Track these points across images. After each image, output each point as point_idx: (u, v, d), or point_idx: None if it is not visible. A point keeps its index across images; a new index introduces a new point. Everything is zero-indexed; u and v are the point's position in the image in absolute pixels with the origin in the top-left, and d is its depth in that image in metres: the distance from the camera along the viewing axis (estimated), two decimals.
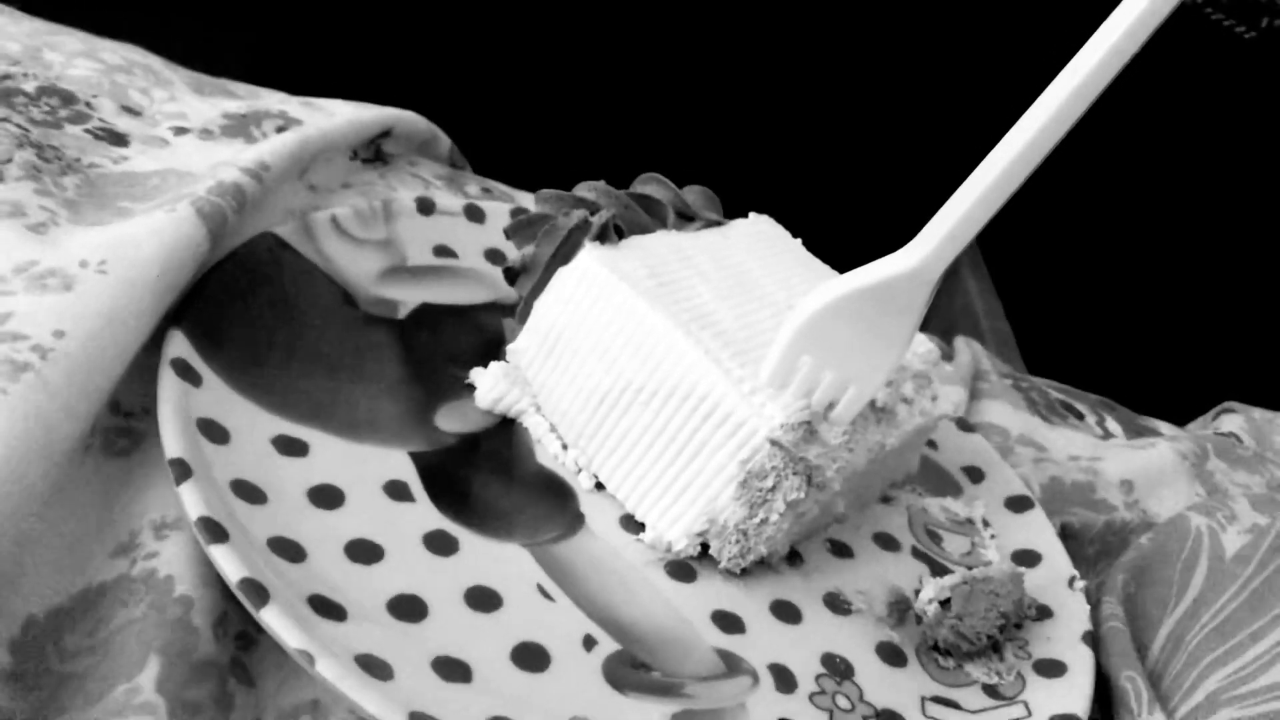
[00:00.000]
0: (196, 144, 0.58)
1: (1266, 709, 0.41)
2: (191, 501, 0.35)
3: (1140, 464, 0.64)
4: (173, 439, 0.37)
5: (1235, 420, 0.77)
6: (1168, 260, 1.52)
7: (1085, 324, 1.52)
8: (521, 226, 0.49)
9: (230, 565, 0.34)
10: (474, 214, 0.58)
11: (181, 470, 0.36)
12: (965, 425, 0.60)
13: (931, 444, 0.58)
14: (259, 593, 0.33)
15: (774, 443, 0.42)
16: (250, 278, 0.47)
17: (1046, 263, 1.57)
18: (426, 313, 0.52)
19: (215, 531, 0.35)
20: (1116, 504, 0.60)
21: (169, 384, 0.39)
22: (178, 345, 0.41)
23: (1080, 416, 0.73)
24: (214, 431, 0.39)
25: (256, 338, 0.45)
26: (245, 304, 0.45)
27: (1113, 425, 0.73)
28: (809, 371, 0.42)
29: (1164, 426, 0.75)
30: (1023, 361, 1.44)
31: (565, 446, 0.47)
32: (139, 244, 0.42)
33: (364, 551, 0.38)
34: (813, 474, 0.43)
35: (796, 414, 0.42)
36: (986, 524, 0.54)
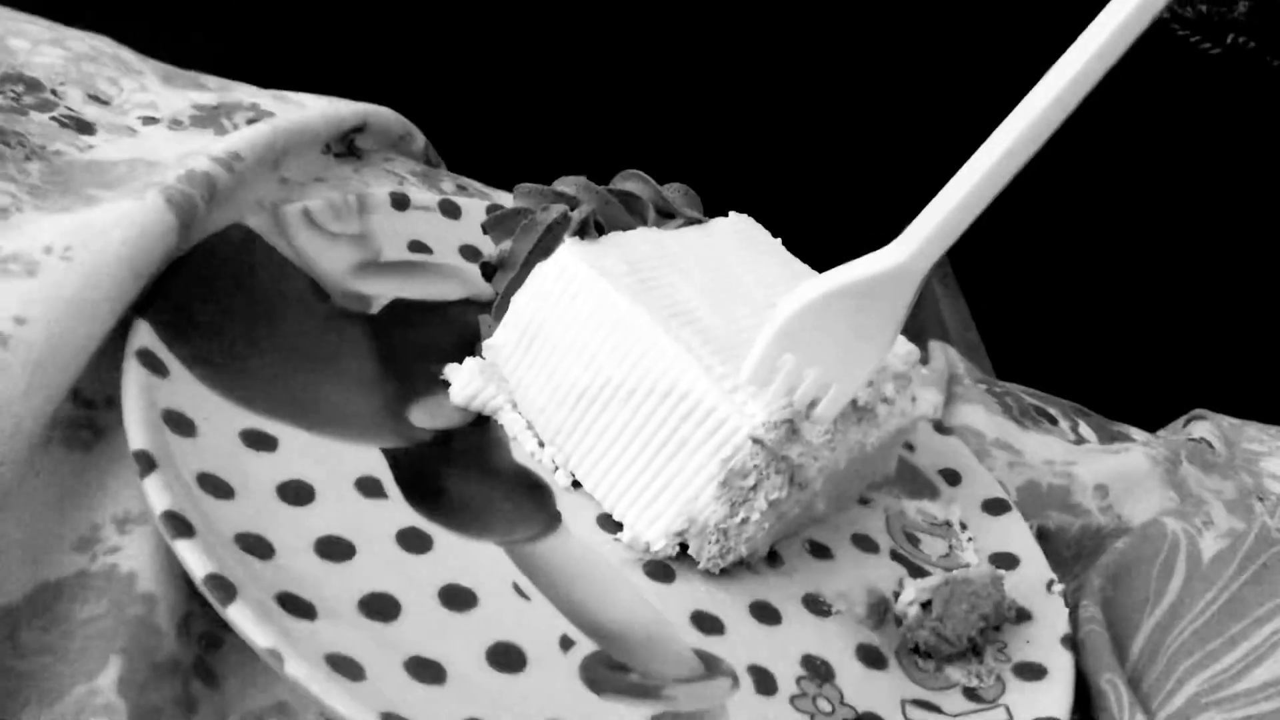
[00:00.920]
0: (166, 134, 0.57)
1: (1245, 713, 0.41)
2: (156, 495, 0.34)
3: (1114, 468, 0.64)
4: (137, 430, 0.36)
5: (1205, 427, 0.77)
6: (1134, 271, 1.54)
7: (1053, 333, 1.53)
8: (500, 221, 0.49)
9: (196, 561, 0.33)
10: (449, 210, 0.57)
11: (146, 463, 0.35)
12: (942, 428, 0.60)
13: (909, 446, 0.57)
14: (226, 589, 0.32)
15: (756, 441, 0.41)
16: (220, 269, 0.45)
17: (1015, 273, 1.58)
18: (400, 308, 0.51)
19: (180, 526, 0.33)
20: (1091, 508, 0.60)
21: (134, 374, 0.38)
22: (143, 335, 0.40)
23: (1054, 421, 0.73)
24: (180, 424, 0.38)
25: (225, 329, 0.43)
26: (214, 295, 0.44)
27: (1085, 430, 0.73)
28: (791, 370, 0.42)
29: (1136, 432, 0.75)
30: (993, 370, 1.45)
31: (542, 444, 0.46)
32: (106, 231, 0.41)
33: (335, 548, 0.37)
34: (795, 473, 0.42)
35: (779, 412, 0.41)
36: (964, 526, 0.53)
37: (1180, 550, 0.49)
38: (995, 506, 0.55)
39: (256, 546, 0.36)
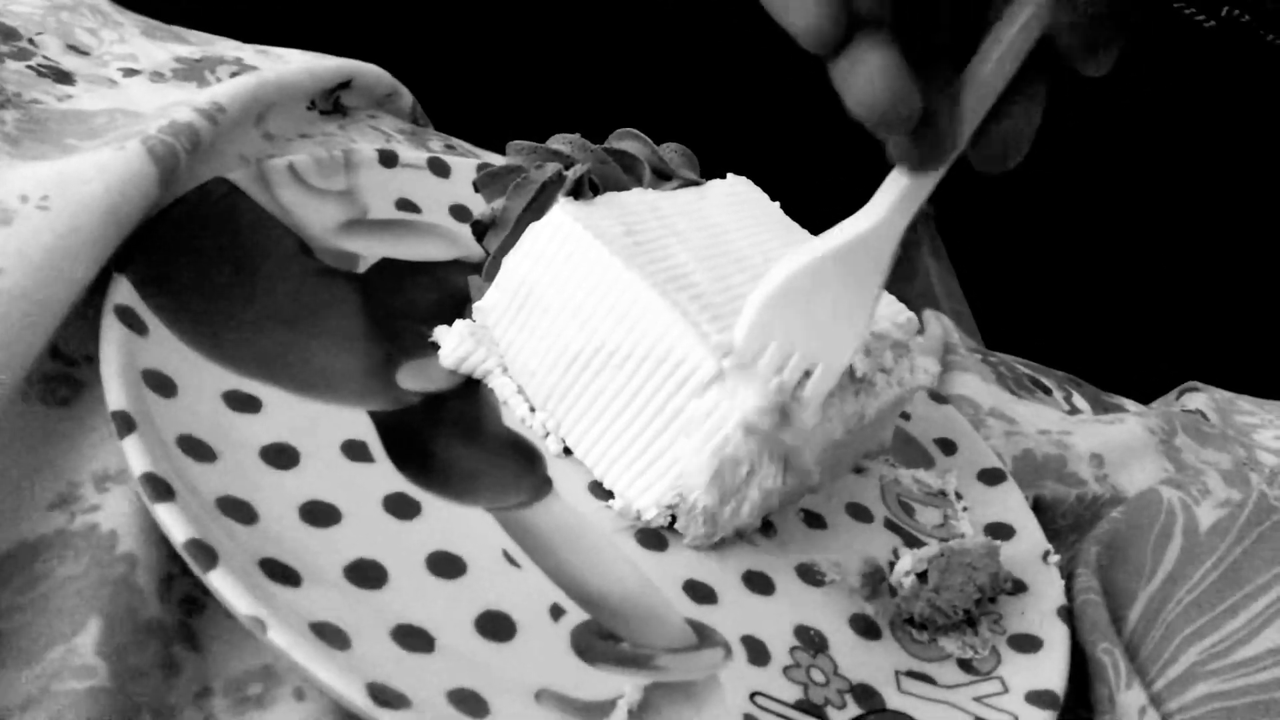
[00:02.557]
0: (147, 86, 0.56)
1: (1245, 682, 0.41)
2: (135, 457, 0.33)
3: (1110, 438, 0.63)
4: (116, 390, 0.35)
5: (1200, 398, 0.77)
6: (1122, 245, 1.53)
7: (1043, 306, 1.52)
8: (492, 178, 0.47)
9: (176, 525, 0.32)
10: (439, 168, 0.56)
11: (125, 423, 0.34)
12: (938, 397, 0.59)
13: (904, 415, 0.57)
14: (207, 555, 0.31)
15: (748, 428, 0.40)
16: (201, 224, 0.44)
17: (1004, 245, 1.57)
18: (388, 267, 0.49)
19: (160, 489, 0.32)
20: (1087, 478, 0.60)
21: (113, 332, 0.37)
22: (123, 291, 0.39)
23: (1048, 391, 0.72)
24: (160, 384, 0.37)
25: (207, 286, 0.42)
26: (195, 251, 0.43)
27: (1079, 401, 0.73)
28: (775, 353, 0.40)
29: (1129, 404, 0.75)
30: (983, 342, 1.44)
31: (533, 409, 0.45)
32: (85, 181, 0.39)
33: (320, 514, 0.36)
34: (790, 458, 0.41)
35: (769, 397, 0.40)
36: (959, 496, 0.53)
37: (1177, 519, 0.49)
38: (991, 476, 0.54)
39: (239, 511, 0.34)
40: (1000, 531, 0.51)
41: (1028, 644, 0.44)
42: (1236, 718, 0.40)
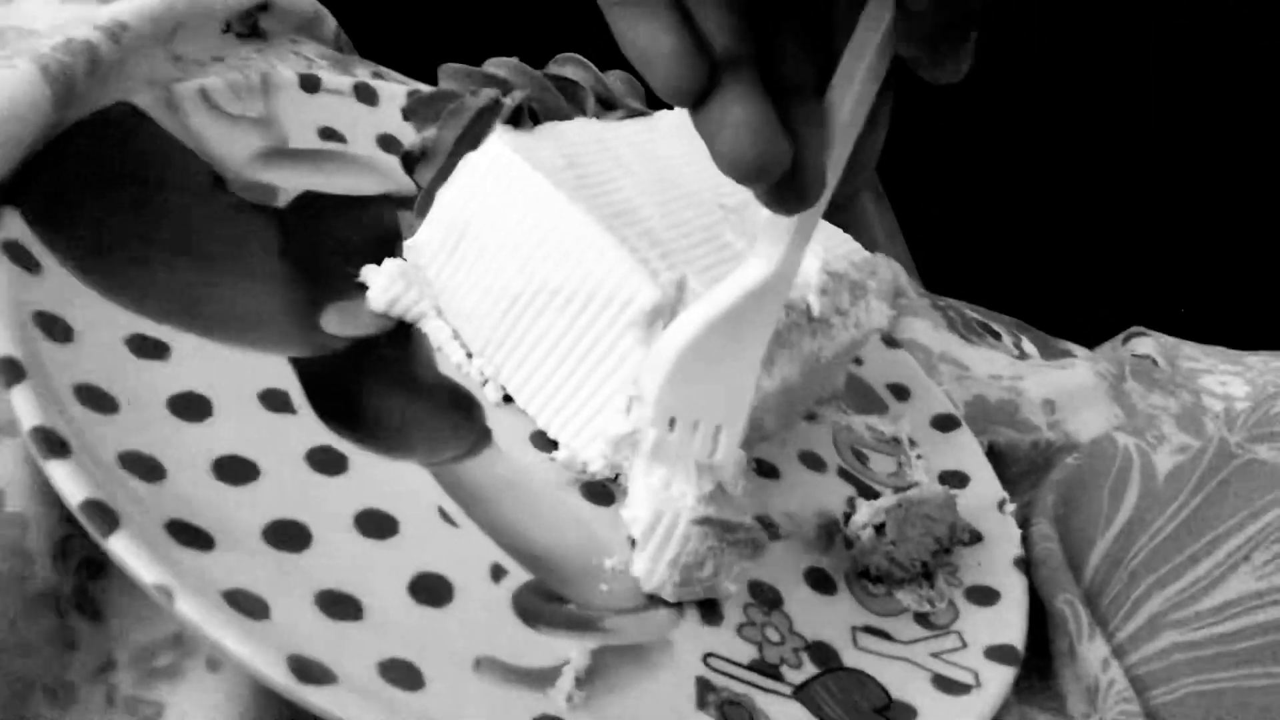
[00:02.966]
0: (41, 2, 0.51)
1: (1210, 632, 0.40)
2: (25, 408, 0.30)
3: (1060, 384, 0.62)
4: (2, 334, 0.31)
5: (1148, 343, 0.76)
6: (1065, 193, 1.52)
7: (982, 252, 1.52)
8: (422, 105, 0.44)
9: (71, 484, 0.28)
10: (365, 94, 0.52)
11: (13, 371, 0.30)
12: (890, 342, 0.57)
13: (856, 360, 0.55)
14: (106, 517, 0.28)
15: (703, 521, 0.36)
16: (102, 152, 0.40)
17: (944, 191, 1.56)
18: (310, 201, 0.46)
19: (53, 444, 0.29)
20: (1040, 424, 0.58)
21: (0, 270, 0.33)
22: (12, 225, 0.35)
23: (997, 336, 0.71)
24: (54, 328, 0.33)
25: (108, 221, 0.38)
26: (95, 182, 0.39)
27: (1028, 346, 0.72)
28: (681, 433, 0.35)
29: (1077, 349, 0.74)
30: (922, 285, 1.42)
31: (470, 355, 0.42)
32: None
33: (235, 469, 0.33)
34: (755, 538, 0.37)
35: (704, 482, 0.36)
36: (913, 443, 0.51)
37: (1134, 465, 0.48)
38: (944, 423, 0.53)
39: (143, 467, 0.31)
40: (955, 479, 0.49)
41: (985, 596, 0.43)
42: (1202, 669, 0.39)
